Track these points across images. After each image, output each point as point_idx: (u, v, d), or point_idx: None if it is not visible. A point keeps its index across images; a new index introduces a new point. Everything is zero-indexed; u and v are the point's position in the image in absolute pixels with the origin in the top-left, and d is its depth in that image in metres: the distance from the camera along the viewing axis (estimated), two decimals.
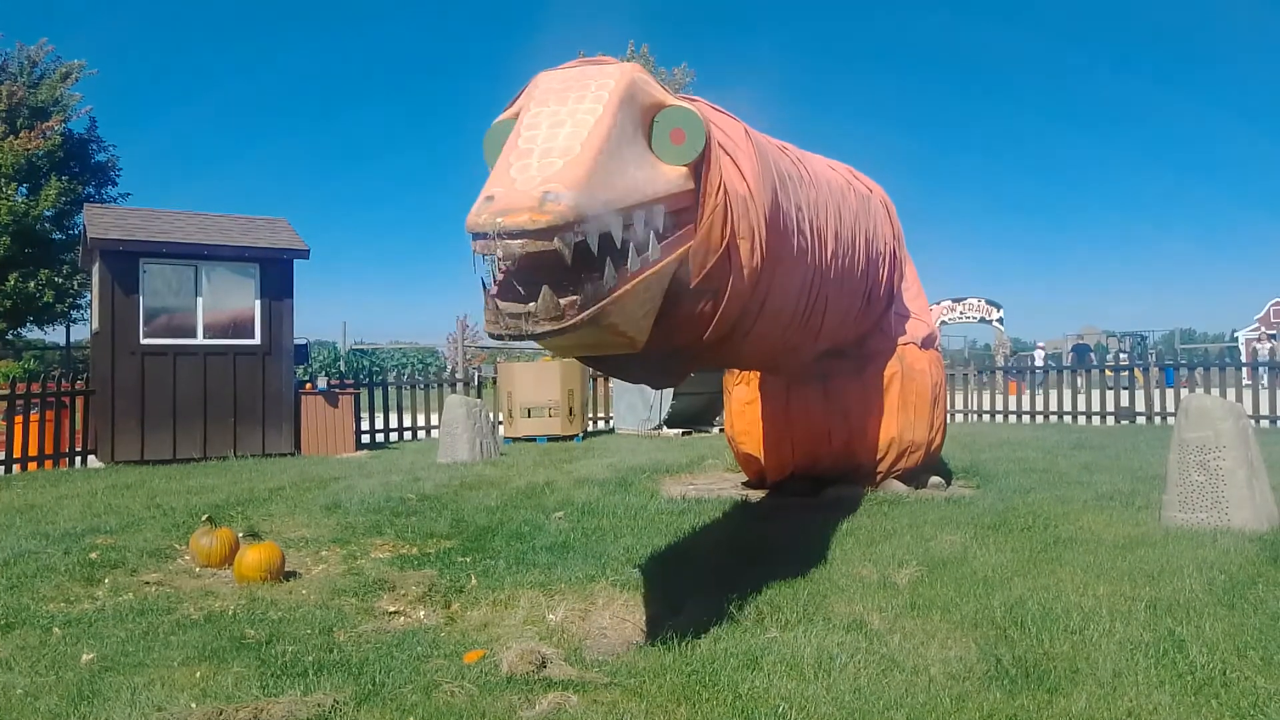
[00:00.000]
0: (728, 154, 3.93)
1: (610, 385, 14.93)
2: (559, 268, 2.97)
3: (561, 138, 3.06)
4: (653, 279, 3.29)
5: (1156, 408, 14.71)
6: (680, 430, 13.47)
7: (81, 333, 23.19)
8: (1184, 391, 14.70)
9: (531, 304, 2.98)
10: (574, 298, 2.99)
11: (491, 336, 3.11)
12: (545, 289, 2.95)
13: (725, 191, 3.69)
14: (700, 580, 4.41)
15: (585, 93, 3.24)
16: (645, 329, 3.44)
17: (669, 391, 13.02)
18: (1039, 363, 22.51)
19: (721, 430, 11.03)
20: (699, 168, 3.52)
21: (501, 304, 3.02)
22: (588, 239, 2.93)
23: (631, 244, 3.14)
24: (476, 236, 2.87)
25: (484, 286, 3.08)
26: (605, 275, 3.03)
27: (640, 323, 3.38)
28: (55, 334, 26.17)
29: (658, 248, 3.28)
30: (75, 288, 22.22)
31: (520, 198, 2.84)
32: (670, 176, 3.37)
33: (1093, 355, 29.06)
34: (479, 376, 16.16)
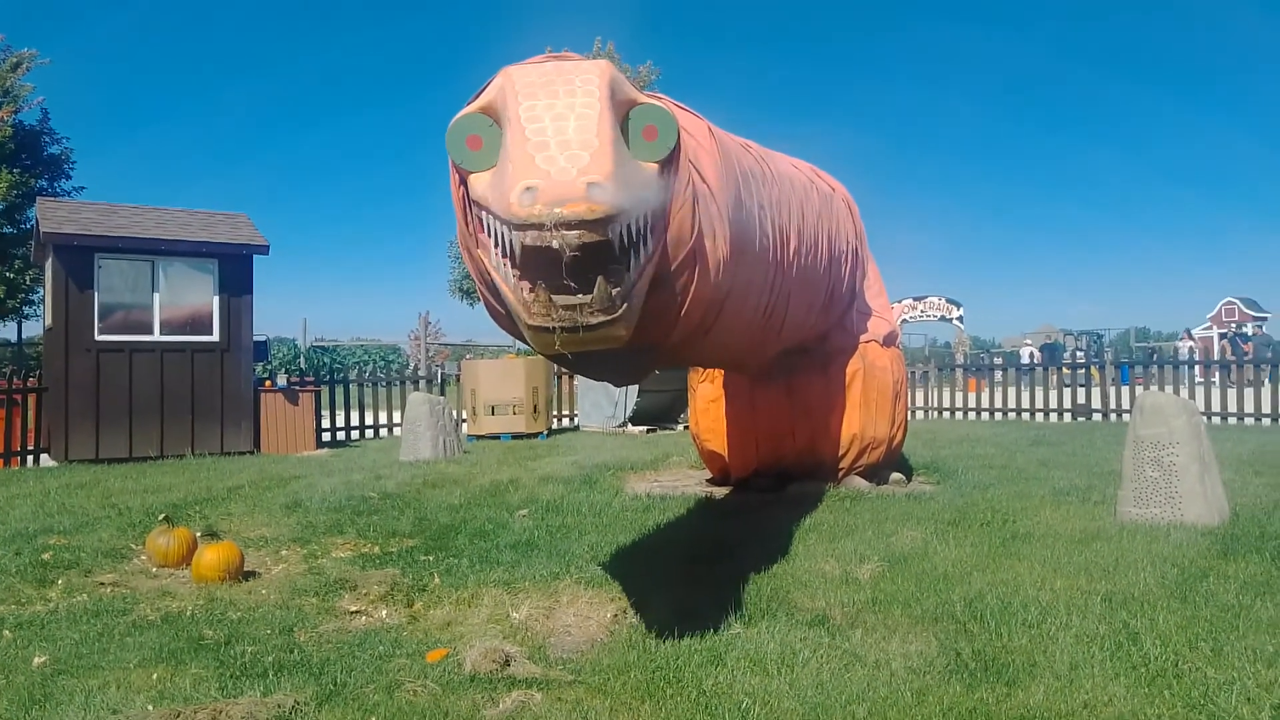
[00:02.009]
0: (689, 151, 3.94)
1: (575, 382, 14.91)
2: (557, 263, 2.94)
3: (572, 130, 3.02)
4: (650, 270, 3.31)
5: (1112, 405, 14.97)
6: (645, 428, 13.48)
7: (34, 329, 22.75)
8: (1139, 389, 14.98)
9: (581, 295, 2.95)
10: (618, 289, 2.98)
11: (537, 330, 3.03)
12: (600, 280, 2.93)
13: (694, 186, 3.71)
14: (664, 577, 4.42)
15: (573, 87, 3.21)
16: (636, 320, 3.45)
17: (634, 389, 13.02)
18: (1025, 360, 22.82)
19: (686, 427, 11.06)
20: (667, 164, 3.52)
21: (556, 296, 2.98)
22: (623, 229, 2.92)
23: (642, 236, 3.16)
24: (526, 228, 2.81)
25: (519, 280, 3.00)
26: (631, 266, 3.03)
27: (638, 316, 3.39)
28: (7, 330, 25.66)
29: (652, 241, 3.29)
30: (27, 283, 21.75)
31: (568, 189, 2.79)
32: (650, 171, 3.38)
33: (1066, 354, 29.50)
34: (442, 374, 16.04)
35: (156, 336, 10.87)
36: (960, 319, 37.23)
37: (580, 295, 2.95)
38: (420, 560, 5.02)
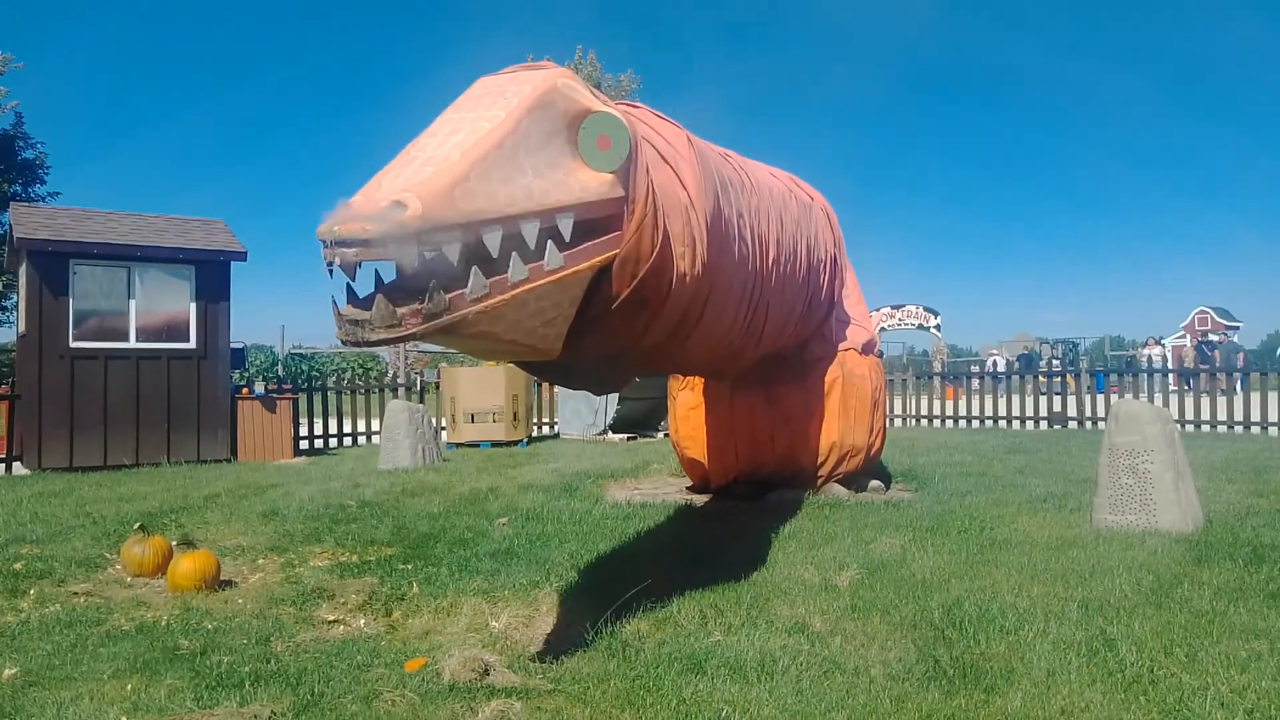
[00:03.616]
0: (668, 161, 3.93)
1: (555, 390, 14.88)
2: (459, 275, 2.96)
3: (449, 145, 3.03)
4: (550, 287, 3.24)
5: (1088, 413, 15.10)
6: (625, 435, 13.47)
7: (7, 335, 22.46)
8: (1114, 397, 15.11)
9: (370, 311, 2.95)
10: (416, 306, 2.95)
11: (342, 343, 3.09)
12: (380, 297, 2.93)
13: (654, 198, 3.66)
14: (644, 585, 4.42)
15: (499, 99, 3.22)
16: (550, 337, 3.39)
17: (614, 397, 13.01)
18: (1001, 368, 23.01)
19: (666, 435, 11.06)
20: (627, 174, 3.50)
21: (343, 310, 3.00)
22: (444, 249, 2.89)
23: (514, 253, 3.10)
24: (324, 244, 2.83)
25: (350, 292, 3.05)
26: (471, 285, 3.00)
27: (540, 331, 3.32)
28: None
29: (559, 256, 3.23)
30: (0, 289, 21.50)
31: (367, 206, 2.81)
32: (590, 184, 3.34)
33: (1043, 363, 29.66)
34: (421, 381, 15.97)
35: (132, 343, 10.77)
36: (938, 327, 37.51)
37: (369, 312, 2.96)
38: (399, 569, 4.99)
